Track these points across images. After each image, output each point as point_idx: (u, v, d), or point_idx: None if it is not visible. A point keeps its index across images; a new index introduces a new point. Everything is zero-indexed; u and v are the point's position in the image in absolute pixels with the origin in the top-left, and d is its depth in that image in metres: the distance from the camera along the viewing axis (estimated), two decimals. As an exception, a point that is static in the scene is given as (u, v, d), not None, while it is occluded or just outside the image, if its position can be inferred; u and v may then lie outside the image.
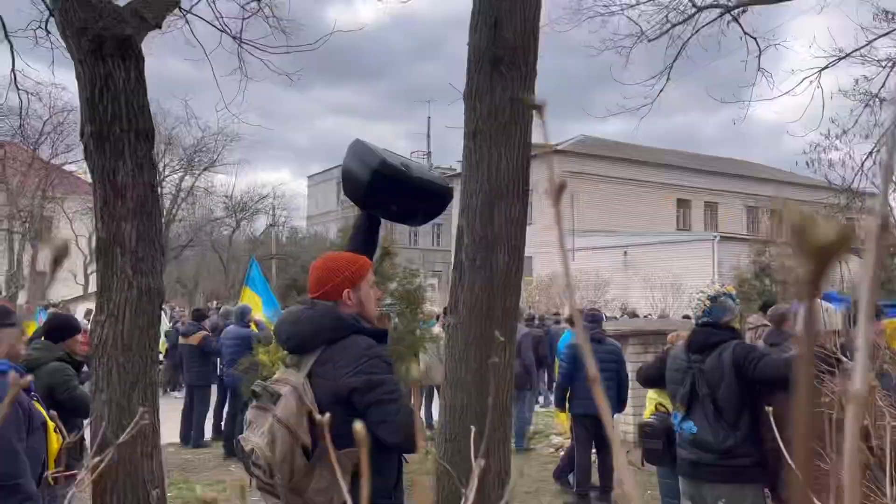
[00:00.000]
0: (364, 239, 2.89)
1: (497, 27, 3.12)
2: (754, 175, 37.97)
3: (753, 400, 3.74)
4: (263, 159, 79.01)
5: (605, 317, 19.88)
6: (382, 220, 3.11)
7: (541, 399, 12.45)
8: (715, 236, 26.65)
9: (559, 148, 33.79)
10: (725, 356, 3.75)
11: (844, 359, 2.36)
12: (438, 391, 10.22)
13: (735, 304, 4.01)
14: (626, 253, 29.20)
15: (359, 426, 0.52)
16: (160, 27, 5.49)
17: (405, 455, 2.56)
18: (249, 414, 2.44)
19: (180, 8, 6.42)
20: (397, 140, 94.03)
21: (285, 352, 2.70)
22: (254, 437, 2.36)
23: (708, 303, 3.93)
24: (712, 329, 3.88)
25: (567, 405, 7.10)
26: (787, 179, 34.48)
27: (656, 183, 34.95)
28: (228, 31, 7.85)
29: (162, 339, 15.10)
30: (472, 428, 3.08)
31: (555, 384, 8.01)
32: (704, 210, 36.50)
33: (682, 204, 35.93)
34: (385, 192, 2.77)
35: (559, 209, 0.39)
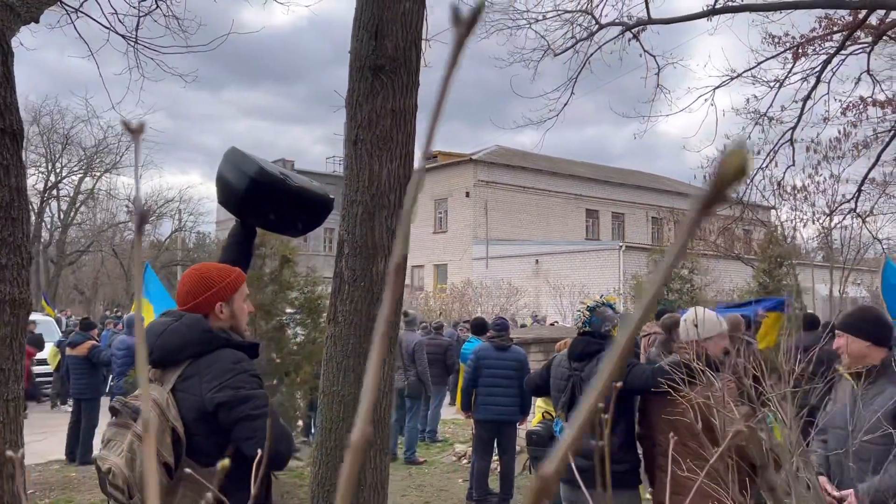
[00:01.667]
0: (239, 249, 2.80)
1: (378, 36, 3.10)
2: (658, 187, 39.58)
3: (629, 407, 3.86)
4: (171, 161, 76.10)
5: (515, 322, 20.18)
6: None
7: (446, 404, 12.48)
8: (621, 246, 27.56)
9: (473, 157, 34.21)
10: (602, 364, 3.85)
11: (697, 366, 2.45)
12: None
13: (614, 314, 4.12)
14: (537, 261, 29.79)
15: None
16: (37, 21, 5.19)
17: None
18: (107, 431, 2.31)
19: (63, 4, 6.10)
20: (314, 145, 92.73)
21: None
22: (112, 456, 2.24)
23: (587, 313, 4.03)
24: (591, 338, 3.98)
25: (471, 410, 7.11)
26: (689, 192, 36.13)
27: (567, 193, 35.89)
28: (122, 27, 7.52)
29: (53, 349, 14.33)
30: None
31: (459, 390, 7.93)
32: (612, 220, 37.74)
33: (591, 214, 37.04)
34: (262, 200, 2.70)
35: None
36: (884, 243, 14.66)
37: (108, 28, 6.52)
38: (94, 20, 6.40)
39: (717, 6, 9.87)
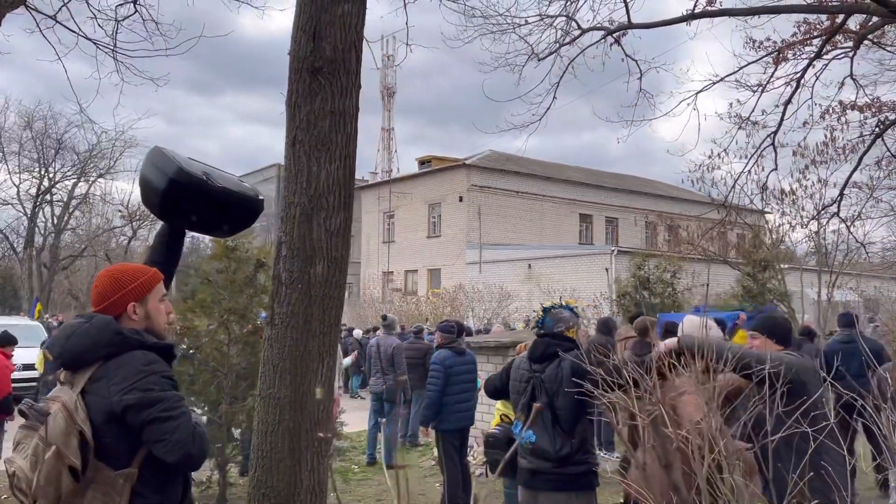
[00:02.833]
0: (166, 250, 2.78)
1: (316, 38, 3.10)
2: (652, 192, 39.60)
3: (587, 410, 3.84)
4: (169, 166, 75.97)
5: (508, 326, 20.11)
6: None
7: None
8: (613, 250, 27.56)
9: (467, 162, 34.23)
10: (564, 365, 3.83)
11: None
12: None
13: (571, 315, 4.11)
14: (530, 266, 29.78)
15: None
16: (-1, 24, 5.20)
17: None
18: (17, 434, 2.30)
19: (29, 8, 6.11)
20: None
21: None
22: (18, 459, 2.23)
23: (542, 314, 4.03)
24: (551, 339, 3.96)
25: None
26: (683, 196, 36.16)
27: (560, 198, 35.92)
28: (101, 31, 7.53)
29: (41, 354, 14.30)
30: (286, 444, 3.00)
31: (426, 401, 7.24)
32: (605, 225, 37.75)
33: (585, 219, 37.06)
34: (184, 201, 2.68)
35: None
36: (868, 248, 14.62)
37: (76, 33, 6.53)
38: (63, 24, 6.41)
39: (697, 11, 9.87)
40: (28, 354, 14.10)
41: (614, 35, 10.95)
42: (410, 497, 7.75)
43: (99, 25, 7.64)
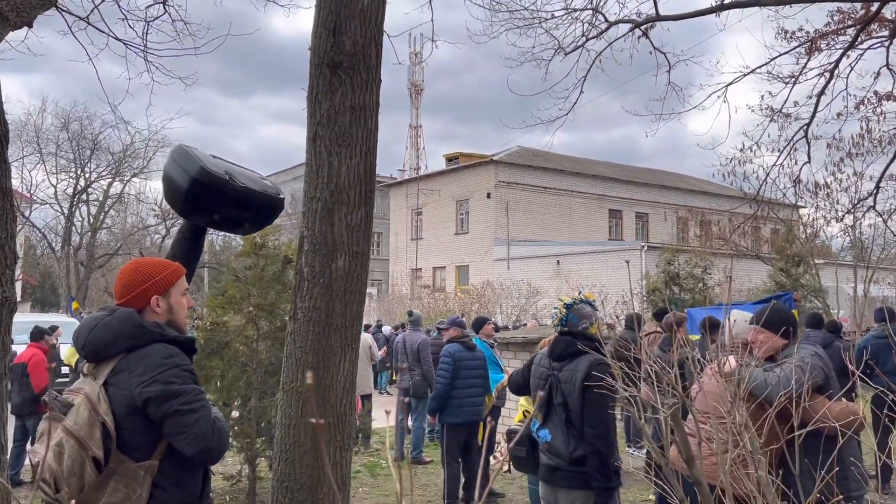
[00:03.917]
0: (187, 246, 2.82)
1: (336, 33, 3.11)
2: (683, 186, 39.09)
3: (610, 409, 3.77)
4: (201, 166, 77.26)
5: (537, 322, 20.03)
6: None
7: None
8: (643, 246, 27.29)
9: (495, 158, 34.15)
10: (579, 367, 3.77)
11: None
12: (364, 399, 10.12)
13: (592, 311, 4.04)
14: (558, 262, 29.62)
15: None
16: (30, 26, 5.31)
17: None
18: (41, 425, 2.36)
19: (59, 9, 6.22)
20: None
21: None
22: (41, 450, 2.28)
23: (564, 310, 3.96)
24: (572, 338, 3.88)
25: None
26: (714, 191, 35.65)
27: (589, 194, 35.64)
28: (133, 32, 7.64)
29: (71, 349, 14.64)
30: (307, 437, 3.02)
31: (434, 392, 7.27)
32: (636, 220, 37.37)
33: (614, 214, 36.72)
34: (206, 200, 2.71)
35: None
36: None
37: (107, 34, 6.63)
38: (94, 26, 6.51)
39: (727, 2, 9.71)
40: (64, 350, 14.47)
41: (642, 28, 10.83)
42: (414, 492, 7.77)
43: (129, 26, 7.77)
